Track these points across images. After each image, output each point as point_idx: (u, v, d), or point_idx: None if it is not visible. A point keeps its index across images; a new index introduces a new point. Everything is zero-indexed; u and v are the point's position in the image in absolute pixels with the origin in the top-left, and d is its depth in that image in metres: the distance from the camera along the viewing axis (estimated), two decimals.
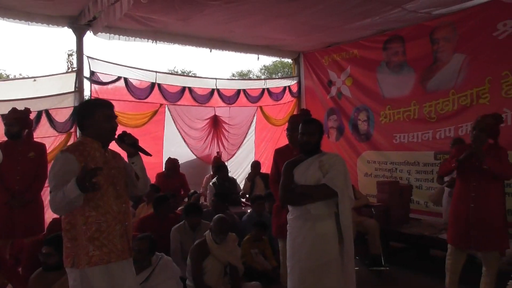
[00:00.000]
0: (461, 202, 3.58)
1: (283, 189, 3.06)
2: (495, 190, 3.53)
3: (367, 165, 7.12)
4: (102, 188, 2.32)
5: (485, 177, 3.44)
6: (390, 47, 6.62)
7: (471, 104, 5.59)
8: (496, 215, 3.49)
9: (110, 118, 2.42)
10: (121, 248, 2.37)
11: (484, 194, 3.47)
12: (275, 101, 8.19)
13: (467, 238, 3.52)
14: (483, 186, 3.48)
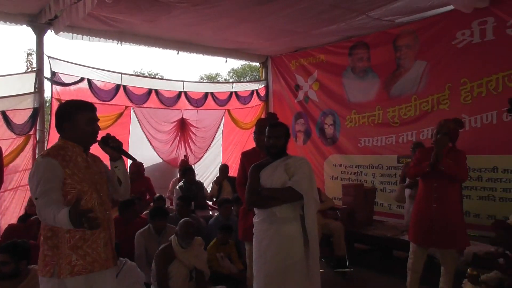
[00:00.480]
0: (424, 202, 3.72)
1: (249, 192, 3.08)
2: (455, 191, 3.70)
3: (334, 168, 7.26)
4: (86, 194, 2.24)
5: (446, 178, 3.61)
6: (355, 53, 6.81)
7: (432, 109, 5.82)
8: (457, 215, 3.66)
9: (92, 121, 2.33)
10: (105, 257, 2.29)
11: (445, 194, 3.63)
12: (243, 104, 8.22)
13: (429, 237, 3.65)
14: (444, 187, 3.63)
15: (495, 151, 5.19)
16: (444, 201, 3.63)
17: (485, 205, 5.27)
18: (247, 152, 4.30)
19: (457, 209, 3.70)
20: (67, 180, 2.17)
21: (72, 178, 2.20)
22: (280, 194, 2.95)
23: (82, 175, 2.25)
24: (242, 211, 4.04)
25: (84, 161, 2.31)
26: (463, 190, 5.36)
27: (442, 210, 3.61)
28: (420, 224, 3.75)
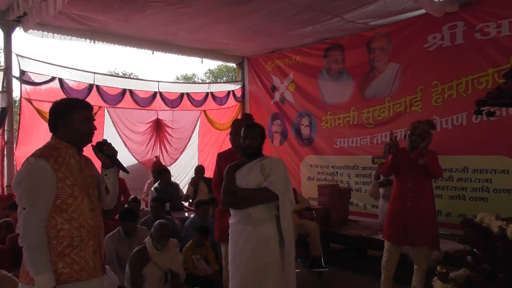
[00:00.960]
0: (399, 201, 3.83)
1: (225, 192, 3.09)
2: (428, 190, 3.83)
3: (310, 169, 7.34)
4: (77, 199, 2.13)
5: (419, 177, 3.73)
6: (331, 54, 6.90)
7: (404, 111, 5.96)
8: (430, 213, 3.80)
9: (88, 119, 2.23)
10: (93, 266, 2.16)
11: (420, 193, 3.75)
12: (219, 105, 8.21)
13: (403, 235, 3.76)
14: (418, 186, 3.75)
15: (465, 151, 5.35)
16: (418, 200, 3.75)
17: (455, 204, 5.42)
18: (223, 153, 4.30)
19: (431, 206, 3.83)
20: (58, 184, 2.07)
21: (63, 181, 2.09)
22: (255, 195, 2.97)
23: (74, 179, 2.14)
24: (218, 212, 4.03)
25: (77, 163, 2.20)
26: (435, 189, 5.51)
27: (416, 209, 3.72)
28: (394, 223, 3.85)
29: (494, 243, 1.92)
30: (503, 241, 1.89)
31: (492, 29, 5.02)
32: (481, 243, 1.97)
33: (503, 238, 1.90)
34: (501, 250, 1.90)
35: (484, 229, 2.00)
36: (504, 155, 5.00)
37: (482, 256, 2.01)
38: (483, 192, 5.21)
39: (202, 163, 7.75)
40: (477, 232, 2.01)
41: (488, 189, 5.17)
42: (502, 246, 1.89)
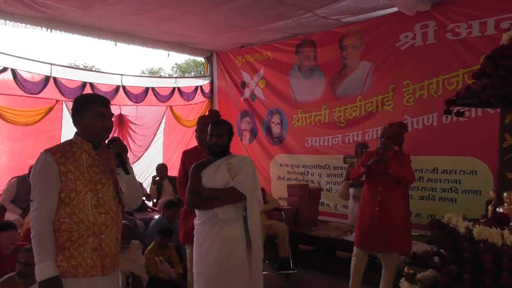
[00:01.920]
0: (368, 205, 3.88)
1: (190, 192, 3.07)
2: (398, 194, 3.87)
3: (280, 168, 7.38)
4: (79, 194, 2.19)
5: (390, 182, 3.78)
6: (302, 51, 6.96)
7: (376, 110, 6.08)
8: (399, 219, 3.84)
9: (102, 116, 2.26)
10: (92, 264, 2.19)
11: (389, 198, 3.80)
12: (186, 101, 8.13)
13: (371, 241, 3.82)
14: (388, 191, 3.80)
15: (435, 152, 5.52)
16: (388, 205, 3.79)
17: (425, 205, 5.59)
18: (189, 151, 4.28)
19: (400, 213, 3.86)
20: (61, 178, 2.17)
21: (66, 175, 2.18)
22: (222, 195, 2.96)
23: (79, 173, 2.21)
24: (183, 212, 4.00)
25: (90, 159, 2.26)
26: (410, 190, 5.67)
27: (385, 214, 3.77)
28: (363, 228, 3.90)
29: (460, 244, 1.99)
30: (469, 241, 1.96)
31: (463, 29, 5.18)
32: (447, 244, 2.04)
33: (469, 239, 1.97)
34: (467, 251, 1.96)
35: (451, 230, 2.07)
36: (472, 156, 5.19)
37: (448, 257, 2.08)
38: (452, 193, 5.39)
39: (167, 161, 7.66)
40: (444, 233, 2.07)
41: (457, 190, 5.35)
42: (468, 246, 1.96)
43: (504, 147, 2.08)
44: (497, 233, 1.89)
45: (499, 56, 1.99)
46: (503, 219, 1.96)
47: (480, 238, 1.93)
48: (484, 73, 2.04)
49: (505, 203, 2.06)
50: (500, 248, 1.86)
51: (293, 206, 5.83)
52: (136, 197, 2.44)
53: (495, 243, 1.88)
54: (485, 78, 2.03)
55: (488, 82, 1.98)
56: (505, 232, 1.88)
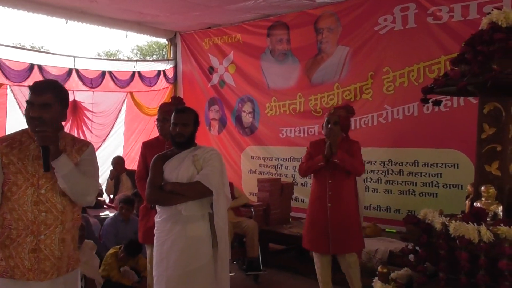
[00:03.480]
0: (318, 202, 3.81)
1: (151, 186, 3.05)
2: (349, 187, 3.84)
3: (251, 161, 7.38)
4: (20, 188, 2.19)
5: (340, 174, 3.73)
6: (274, 33, 6.94)
7: (355, 99, 6.12)
8: (353, 214, 3.82)
9: (29, 104, 2.22)
10: (29, 266, 2.16)
11: (341, 192, 3.76)
12: (148, 86, 8.03)
13: (325, 242, 3.74)
14: (339, 184, 3.75)
15: (416, 144, 5.61)
16: (340, 199, 3.74)
17: (405, 200, 5.69)
18: (149, 142, 4.27)
19: (354, 208, 3.85)
20: (4, 170, 2.19)
21: (8, 167, 2.19)
22: (186, 190, 2.96)
23: (21, 166, 2.20)
24: (143, 209, 3.98)
25: (37, 150, 2.21)
26: (385, 184, 5.78)
27: (338, 210, 3.72)
28: (314, 228, 3.83)
29: (436, 241, 2.05)
30: (445, 238, 2.02)
31: (445, 13, 5.26)
32: (422, 241, 2.10)
33: (445, 235, 2.03)
34: (443, 248, 2.02)
35: (426, 226, 2.13)
36: (454, 149, 5.31)
37: (424, 254, 2.14)
38: (433, 187, 5.50)
39: (128, 153, 7.58)
40: (419, 229, 2.13)
41: (438, 184, 5.46)
42: (443, 243, 2.02)
43: (483, 138, 2.15)
44: (473, 229, 1.95)
45: (478, 41, 2.04)
46: (480, 214, 2.03)
47: (456, 235, 1.98)
48: (463, 59, 2.10)
49: (483, 197, 2.13)
50: (477, 245, 1.93)
51: (263, 202, 5.88)
52: (81, 192, 2.30)
53: (471, 239, 1.94)
54: (463, 65, 2.09)
55: (467, 69, 2.04)
56: (482, 228, 1.94)
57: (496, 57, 1.97)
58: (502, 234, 1.93)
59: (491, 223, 2.03)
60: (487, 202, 2.11)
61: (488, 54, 1.98)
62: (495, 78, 1.91)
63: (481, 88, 2.07)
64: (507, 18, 2.02)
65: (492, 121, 2.12)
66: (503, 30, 2.02)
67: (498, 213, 2.10)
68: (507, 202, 2.13)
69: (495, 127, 2.12)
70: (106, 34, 54.52)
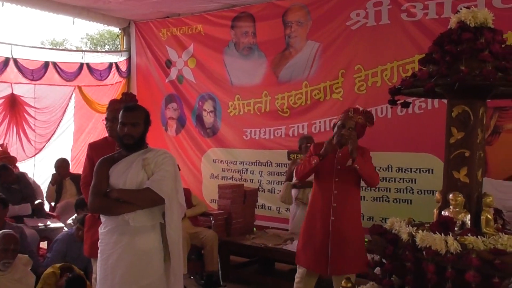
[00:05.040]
0: (320, 215, 3.64)
1: (94, 193, 3.02)
2: (356, 199, 3.72)
3: (213, 165, 7.39)
4: None
5: (347, 183, 3.62)
6: (239, 25, 6.98)
7: (324, 98, 6.24)
8: (358, 230, 3.68)
9: None
10: None
11: (347, 205, 3.61)
12: (99, 80, 7.95)
13: (324, 260, 3.57)
14: (345, 194, 3.60)
15: (389, 147, 5.75)
16: (345, 213, 3.59)
17: (379, 207, 5.83)
18: (97, 143, 4.23)
19: (358, 222, 3.71)
20: None
21: None
22: (134, 197, 2.94)
23: None
24: (90, 219, 3.91)
25: None
26: None
27: (343, 225, 3.55)
28: (312, 244, 3.66)
29: (402, 252, 2.10)
30: (411, 249, 2.07)
31: (419, 10, 5.43)
32: (388, 252, 2.14)
33: (412, 246, 2.08)
34: (409, 260, 2.07)
35: (393, 237, 2.17)
36: (429, 153, 5.47)
37: (390, 267, 2.19)
38: (407, 193, 5.67)
39: (77, 155, 7.53)
40: (385, 240, 2.17)
41: (412, 190, 5.63)
42: (410, 255, 2.06)
43: (451, 143, 2.21)
44: (440, 239, 2.00)
45: (446, 41, 2.11)
46: (447, 223, 2.09)
47: (423, 245, 2.03)
48: (431, 59, 2.16)
49: (451, 206, 2.19)
50: (444, 256, 1.98)
51: (224, 211, 5.85)
52: None
53: (438, 250, 1.99)
54: (431, 65, 2.15)
55: (435, 69, 2.10)
56: (449, 238, 2.00)
57: (464, 58, 2.04)
58: (469, 244, 1.99)
59: (458, 233, 2.09)
60: (455, 210, 2.18)
61: (456, 54, 2.05)
62: (462, 80, 1.97)
63: (449, 90, 2.13)
64: (475, 18, 2.09)
65: (461, 125, 2.18)
66: (471, 30, 2.09)
67: (466, 222, 2.16)
68: (475, 210, 2.20)
69: (463, 131, 2.18)
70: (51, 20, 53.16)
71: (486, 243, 2.00)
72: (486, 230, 2.15)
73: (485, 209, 2.20)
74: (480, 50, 2.06)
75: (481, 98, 2.19)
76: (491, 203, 2.21)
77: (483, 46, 2.06)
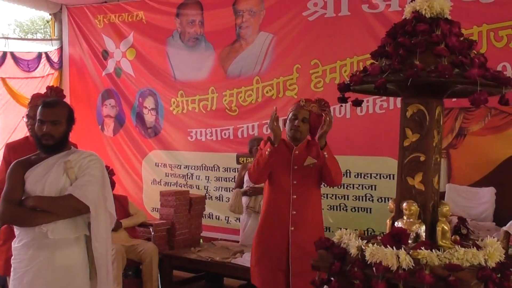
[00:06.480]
0: (276, 224, 3.52)
1: (6, 201, 2.93)
2: (317, 204, 3.65)
3: (156, 169, 7.32)
4: None
5: (308, 186, 3.53)
6: (185, 13, 6.92)
7: (277, 96, 6.24)
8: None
9: None
10: None
11: (306, 210, 3.50)
12: (26, 72, 7.71)
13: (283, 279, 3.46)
14: (305, 199, 3.50)
15: (348, 151, 5.72)
16: (307, 222, 3.49)
17: (336, 216, 5.86)
18: (16, 143, 4.20)
19: (321, 231, 3.60)
20: None
21: None
22: (53, 205, 2.88)
23: None
24: (5, 231, 3.83)
25: None
26: None
27: (304, 237, 3.40)
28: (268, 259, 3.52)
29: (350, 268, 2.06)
30: (360, 265, 2.04)
31: (381, 1, 5.49)
32: (335, 269, 2.10)
33: (361, 261, 2.05)
34: (357, 277, 2.03)
35: (340, 251, 2.14)
36: (390, 156, 5.51)
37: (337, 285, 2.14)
38: (366, 201, 5.74)
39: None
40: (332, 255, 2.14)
41: (372, 197, 5.70)
42: (359, 272, 2.03)
43: (405, 146, 2.19)
44: (391, 253, 1.98)
45: (400, 32, 2.10)
46: (400, 235, 2.06)
47: (373, 261, 2.01)
48: (383, 52, 2.14)
49: (404, 216, 2.18)
50: (395, 272, 1.96)
51: (166, 220, 5.80)
52: None
53: (389, 266, 1.97)
54: (384, 59, 2.13)
55: (387, 64, 2.08)
56: (401, 252, 1.97)
57: (418, 52, 2.02)
58: (422, 259, 1.97)
59: (412, 246, 2.08)
60: (409, 221, 2.16)
61: (410, 47, 2.03)
62: (416, 76, 1.95)
63: (402, 87, 2.12)
64: (431, 8, 2.07)
65: (416, 126, 2.17)
66: (427, 21, 2.08)
67: (421, 234, 2.15)
68: (430, 221, 2.20)
69: (418, 133, 2.16)
70: None
71: (441, 258, 1.99)
72: (442, 243, 2.15)
73: (441, 220, 2.20)
74: (436, 43, 2.05)
75: (437, 97, 2.19)
76: (447, 212, 2.21)
77: (439, 39, 2.05)
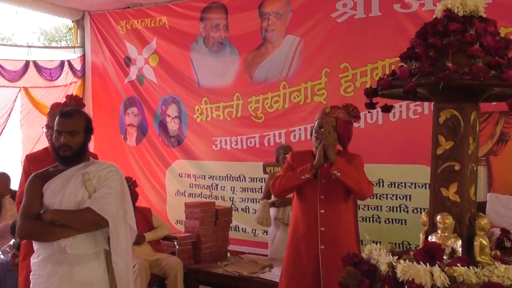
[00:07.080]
0: (304, 242, 3.49)
1: (24, 215, 2.93)
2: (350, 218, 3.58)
3: (179, 179, 7.34)
4: None
5: (337, 200, 3.46)
6: (209, 17, 6.96)
7: (305, 101, 6.21)
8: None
9: None
10: None
11: (338, 227, 3.45)
12: (48, 80, 7.88)
13: None
14: (334, 214, 3.44)
15: (381, 159, 5.68)
16: (338, 239, 3.41)
17: (369, 228, 5.78)
18: (35, 154, 4.21)
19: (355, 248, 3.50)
20: None
21: None
22: (72, 219, 2.88)
23: None
24: (25, 246, 3.82)
25: None
26: None
27: (335, 256, 3.21)
28: (299, 279, 3.49)
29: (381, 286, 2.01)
30: (391, 283, 1.98)
31: (414, 0, 5.42)
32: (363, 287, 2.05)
33: (392, 279, 1.99)
34: None
35: (369, 268, 2.08)
36: (425, 164, 5.39)
37: None
38: (401, 212, 5.64)
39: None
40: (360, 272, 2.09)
41: (407, 208, 5.60)
42: None
43: (438, 154, 2.13)
44: (425, 270, 1.92)
45: (430, 32, 2.03)
46: (434, 251, 2.00)
47: (404, 278, 1.95)
48: (413, 54, 2.08)
49: (439, 230, 2.12)
50: None
51: (192, 233, 5.75)
52: None
53: (422, 284, 1.90)
54: (414, 61, 2.07)
55: (417, 66, 2.02)
56: (436, 270, 1.91)
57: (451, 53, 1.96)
58: (459, 277, 1.91)
59: (447, 263, 2.01)
60: (444, 235, 2.10)
61: (442, 48, 1.97)
62: (448, 79, 1.89)
63: (434, 91, 2.06)
64: (464, 5, 2.01)
65: (449, 132, 2.11)
66: (459, 20, 2.01)
67: (457, 249, 2.09)
68: (467, 235, 2.13)
69: (452, 140, 2.10)
70: None
71: (479, 275, 1.93)
72: (480, 259, 2.08)
73: (479, 234, 2.13)
74: (469, 43, 1.99)
75: (472, 101, 2.12)
76: (486, 225, 2.14)
77: (473, 38, 1.98)
